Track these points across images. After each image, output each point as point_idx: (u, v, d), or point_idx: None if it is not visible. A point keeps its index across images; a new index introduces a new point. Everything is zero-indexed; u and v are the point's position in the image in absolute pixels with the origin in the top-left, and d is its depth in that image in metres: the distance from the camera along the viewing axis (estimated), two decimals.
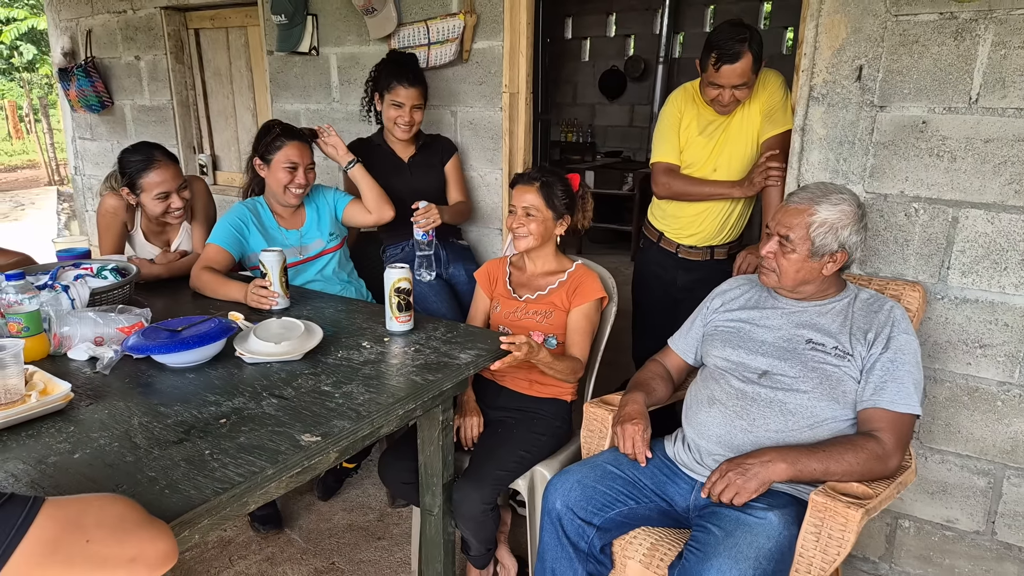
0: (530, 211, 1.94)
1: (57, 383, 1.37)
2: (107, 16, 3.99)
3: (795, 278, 1.63)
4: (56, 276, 1.82)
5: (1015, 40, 1.65)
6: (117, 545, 0.85)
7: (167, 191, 2.21)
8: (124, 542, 0.85)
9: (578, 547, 1.63)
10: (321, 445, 1.24)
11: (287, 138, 2.20)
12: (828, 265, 1.61)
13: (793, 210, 1.62)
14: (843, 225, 1.57)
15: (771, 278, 1.68)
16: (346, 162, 2.35)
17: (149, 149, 2.24)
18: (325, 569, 2.20)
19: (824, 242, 1.58)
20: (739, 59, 2.02)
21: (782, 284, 1.66)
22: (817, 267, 1.61)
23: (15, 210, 9.34)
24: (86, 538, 0.82)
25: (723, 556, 1.40)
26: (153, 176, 2.18)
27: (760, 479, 1.49)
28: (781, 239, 1.63)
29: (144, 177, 2.19)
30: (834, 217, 1.57)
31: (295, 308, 1.97)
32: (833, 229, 1.57)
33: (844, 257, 1.61)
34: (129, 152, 2.23)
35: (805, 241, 1.59)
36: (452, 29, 2.67)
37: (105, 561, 0.83)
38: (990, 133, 1.72)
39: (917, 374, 1.56)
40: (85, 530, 0.82)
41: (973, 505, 1.94)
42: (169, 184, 2.21)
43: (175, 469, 1.14)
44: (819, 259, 1.60)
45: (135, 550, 0.86)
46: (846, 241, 1.58)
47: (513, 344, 1.65)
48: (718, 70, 2.05)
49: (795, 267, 1.61)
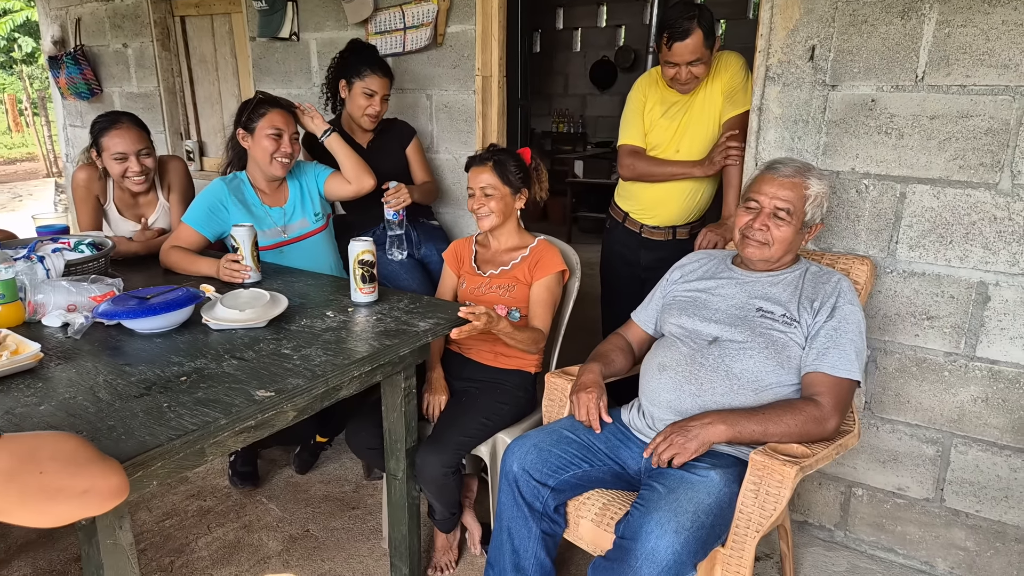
0: (487, 190, 2.00)
1: (28, 344, 1.43)
2: (96, 4, 4.04)
3: (785, 248, 1.70)
4: (34, 249, 1.88)
5: (958, 19, 1.71)
6: (70, 478, 0.90)
7: (124, 152, 2.27)
8: (77, 475, 0.91)
9: (533, 507, 1.69)
10: (275, 400, 1.30)
11: (270, 105, 2.21)
12: (807, 236, 1.70)
13: (788, 183, 1.67)
14: (826, 197, 1.68)
15: (762, 250, 1.71)
16: (322, 131, 2.36)
17: (116, 114, 2.31)
18: (300, 536, 2.27)
19: (814, 214, 1.68)
20: (689, 35, 2.09)
21: (772, 255, 1.71)
22: (801, 237, 1.70)
23: (13, 201, 9.41)
24: (40, 470, 0.87)
25: (664, 510, 1.47)
26: (112, 136, 2.25)
27: (700, 440, 1.55)
28: (776, 212, 1.67)
29: (104, 136, 2.26)
30: (822, 190, 1.67)
31: (267, 282, 2.03)
32: (820, 202, 1.67)
33: (820, 228, 1.71)
34: (100, 116, 2.31)
35: (801, 213, 1.66)
36: (426, 13, 2.73)
37: (58, 492, 0.89)
38: (935, 110, 1.78)
39: (860, 343, 1.62)
40: (39, 463, 0.88)
41: (923, 473, 2.01)
42: (126, 146, 2.26)
43: (133, 419, 1.20)
44: (807, 230, 1.69)
45: (87, 483, 0.92)
46: (824, 213, 1.70)
47: (472, 314, 1.72)
48: (671, 48, 2.13)
49: (788, 238, 1.68)
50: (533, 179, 2.10)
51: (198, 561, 2.16)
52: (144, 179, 2.35)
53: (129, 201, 2.44)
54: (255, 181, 2.30)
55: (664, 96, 2.35)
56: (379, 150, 2.61)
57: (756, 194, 1.71)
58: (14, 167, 13.52)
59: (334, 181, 2.37)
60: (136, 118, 2.34)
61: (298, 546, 2.22)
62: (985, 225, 1.77)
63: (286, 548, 2.21)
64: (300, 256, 2.31)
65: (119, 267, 2.18)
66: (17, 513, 0.86)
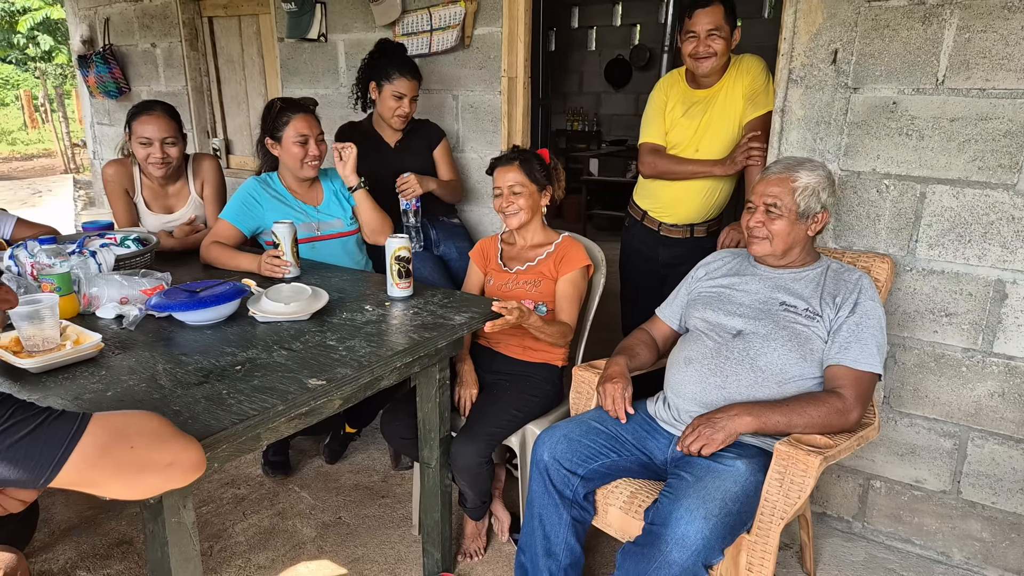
0: (515, 188, 2.07)
1: (89, 334, 1.51)
2: (124, 4, 4.13)
3: (786, 241, 1.76)
4: (83, 245, 1.96)
5: (978, 24, 1.76)
6: (156, 452, 0.98)
7: (150, 138, 2.35)
8: (162, 449, 0.99)
9: (563, 494, 1.76)
10: (326, 388, 1.38)
11: (292, 112, 2.27)
12: (813, 226, 1.76)
13: (775, 179, 1.76)
14: (822, 188, 1.73)
15: (763, 245, 1.79)
16: (353, 183, 2.36)
17: (153, 102, 2.42)
18: (332, 523, 2.35)
19: (809, 204, 1.73)
20: (711, 3, 2.21)
21: (774, 249, 1.78)
22: (803, 229, 1.76)
23: (33, 196, 9.55)
24: (130, 444, 0.95)
25: (692, 497, 1.53)
26: (142, 120, 2.35)
27: (727, 431, 1.61)
28: (768, 207, 1.75)
29: (135, 121, 2.36)
30: (814, 181, 1.73)
31: (304, 277, 2.11)
32: (815, 192, 1.73)
33: (826, 216, 1.77)
34: (139, 103, 2.43)
35: (792, 205, 1.73)
36: (454, 16, 2.79)
37: (147, 465, 0.97)
38: (955, 112, 1.83)
39: (880, 338, 1.68)
40: (129, 438, 0.95)
41: (940, 466, 2.06)
42: (153, 132, 2.35)
43: (197, 404, 1.28)
44: (805, 221, 1.75)
45: (171, 456, 0.99)
46: (825, 202, 1.75)
47: (505, 308, 1.79)
48: (691, 16, 2.24)
49: (785, 231, 1.75)
50: (553, 178, 2.17)
51: (236, 546, 2.24)
52: (164, 166, 2.42)
53: (158, 192, 2.52)
54: (287, 182, 2.38)
55: (685, 96, 2.41)
56: (407, 150, 2.68)
57: (751, 195, 1.81)
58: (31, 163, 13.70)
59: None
60: (171, 108, 2.42)
61: (331, 532, 2.30)
62: (1003, 225, 1.83)
63: (319, 534, 2.29)
64: (332, 254, 2.39)
65: (157, 260, 2.26)
66: (110, 485, 0.94)
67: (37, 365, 1.38)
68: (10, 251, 1.86)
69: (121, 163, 2.49)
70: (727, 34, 2.25)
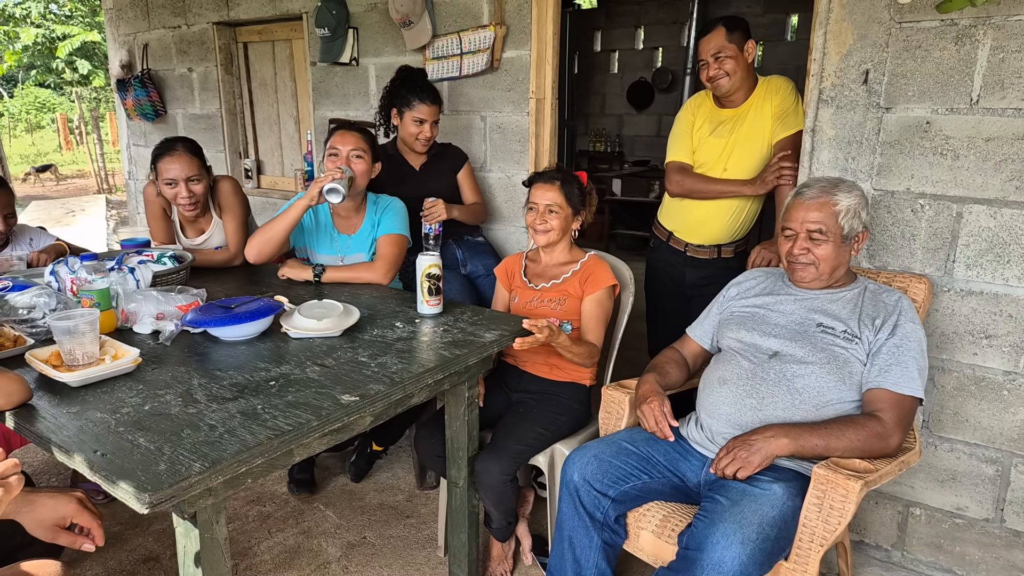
0: (552, 207, 2.07)
1: (127, 349, 1.54)
2: (163, 31, 4.25)
3: (832, 264, 1.74)
4: (122, 261, 2.00)
5: (1012, 44, 1.74)
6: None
7: (174, 179, 2.38)
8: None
9: (594, 517, 1.73)
10: (359, 404, 1.38)
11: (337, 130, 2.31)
12: (856, 247, 1.75)
13: (815, 204, 1.73)
14: (861, 207, 1.73)
15: (809, 271, 1.76)
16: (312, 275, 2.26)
17: (175, 140, 2.43)
18: (357, 542, 2.34)
19: (852, 226, 1.72)
20: (711, 30, 2.28)
21: (820, 274, 1.75)
22: (848, 251, 1.75)
23: (67, 216, 9.78)
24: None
25: (728, 522, 1.50)
26: (164, 163, 2.38)
27: (763, 453, 1.59)
28: (811, 233, 1.73)
29: (159, 162, 2.39)
30: (854, 202, 1.72)
31: (334, 294, 2.12)
32: (856, 213, 1.72)
33: (866, 236, 1.76)
34: (161, 141, 2.45)
35: (837, 229, 1.71)
36: (484, 40, 2.83)
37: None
38: (991, 132, 1.81)
39: (921, 361, 1.65)
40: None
41: (982, 493, 2.00)
42: (176, 173, 2.37)
43: (232, 419, 1.29)
44: (849, 243, 1.74)
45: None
46: (865, 221, 1.74)
47: (535, 326, 1.78)
48: (698, 46, 2.32)
49: (832, 255, 1.73)
50: (586, 203, 2.17)
51: (261, 564, 2.24)
52: (193, 206, 2.45)
53: (190, 217, 2.56)
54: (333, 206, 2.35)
55: (712, 115, 2.42)
56: (431, 173, 2.71)
57: (789, 221, 1.78)
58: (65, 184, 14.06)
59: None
60: (192, 144, 2.44)
61: (356, 553, 2.29)
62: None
63: (344, 554, 2.28)
64: None
65: (193, 279, 2.29)
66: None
67: (77, 379, 1.41)
68: (51, 267, 1.90)
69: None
70: (735, 52, 2.27)
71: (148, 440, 1.19)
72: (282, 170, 4.17)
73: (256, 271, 2.49)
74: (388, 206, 2.39)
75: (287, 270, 2.28)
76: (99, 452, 1.15)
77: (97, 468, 1.10)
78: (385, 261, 2.28)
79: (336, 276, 2.27)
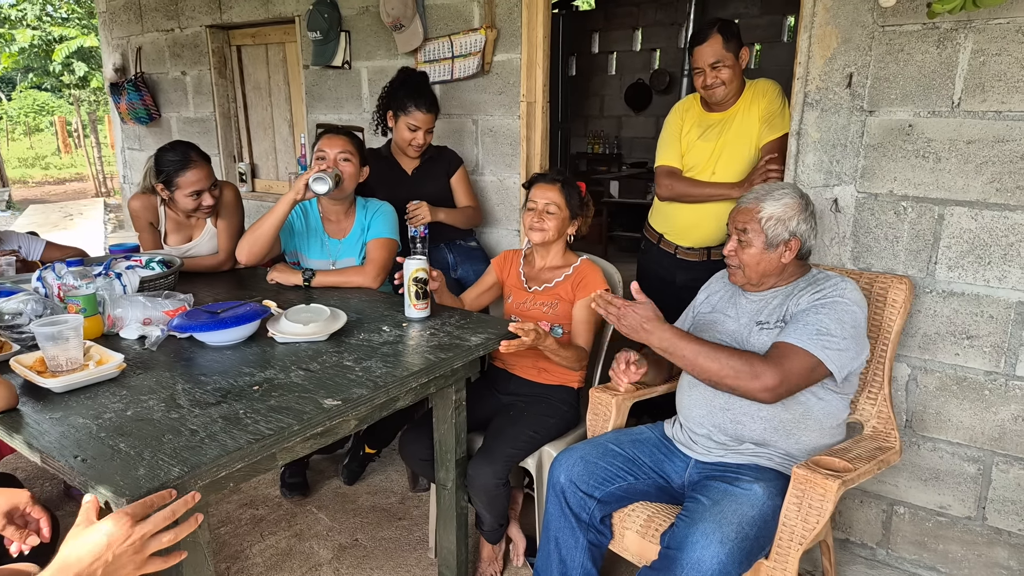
0: (550, 208, 2.09)
1: (111, 355, 1.55)
2: (156, 34, 4.27)
3: (757, 270, 1.76)
4: (110, 266, 2.02)
5: (992, 47, 1.76)
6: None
7: (200, 190, 2.38)
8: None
9: (580, 517, 1.75)
10: (341, 408, 1.40)
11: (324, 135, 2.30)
12: (785, 253, 1.74)
13: (744, 210, 1.77)
14: (789, 216, 1.72)
15: (738, 275, 1.81)
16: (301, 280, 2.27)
17: (185, 149, 2.38)
18: (349, 545, 2.36)
19: (776, 232, 1.72)
20: (707, 39, 2.26)
21: (748, 278, 1.79)
22: (775, 257, 1.74)
23: (64, 220, 9.79)
24: None
25: (708, 521, 1.52)
26: (189, 175, 2.35)
27: (634, 327, 1.67)
28: (740, 236, 1.76)
29: (180, 176, 2.34)
30: (779, 210, 1.72)
31: (323, 298, 2.14)
32: (781, 221, 1.71)
33: (797, 243, 1.74)
34: (166, 151, 2.38)
35: (760, 235, 1.73)
36: (474, 43, 2.85)
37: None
38: (972, 135, 1.82)
39: (831, 326, 1.61)
40: None
41: (964, 491, 2.02)
42: (202, 183, 2.37)
43: (214, 424, 1.30)
44: (775, 249, 1.73)
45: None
46: (796, 230, 1.72)
47: (521, 329, 1.80)
48: (692, 52, 2.29)
49: (755, 260, 1.75)
50: (582, 211, 2.19)
51: (253, 567, 2.25)
52: (211, 210, 2.47)
53: (182, 223, 2.55)
54: (323, 208, 2.40)
55: (701, 119, 2.43)
56: (424, 176, 2.71)
57: (728, 223, 1.83)
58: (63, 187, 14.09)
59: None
60: (199, 149, 2.42)
61: (348, 555, 2.30)
62: (1023, 247, 1.80)
63: (336, 556, 2.30)
64: None
65: (183, 284, 2.31)
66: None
67: (60, 385, 1.42)
68: (38, 272, 1.92)
69: (147, 197, 2.51)
70: (732, 61, 2.28)
71: (129, 445, 1.21)
72: (277, 174, 4.18)
73: (246, 276, 2.50)
74: (378, 210, 2.40)
75: (276, 274, 2.29)
76: (79, 457, 1.17)
77: (77, 473, 1.12)
78: (375, 265, 2.29)
79: (326, 280, 2.28)
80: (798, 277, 1.79)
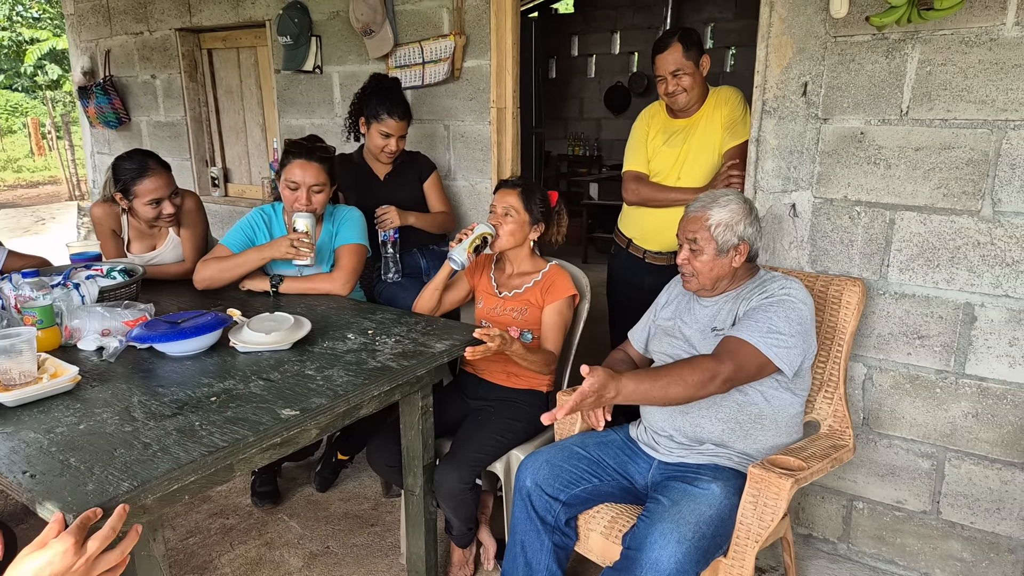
0: (509, 211, 2.11)
1: (66, 367, 1.54)
2: (125, 37, 4.23)
3: (711, 276, 1.80)
4: (69, 276, 2.00)
5: (938, 58, 1.81)
6: None
7: (159, 198, 2.36)
8: None
9: (545, 520, 1.77)
10: (299, 419, 1.41)
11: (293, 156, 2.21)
12: (736, 258, 1.79)
13: (693, 218, 1.81)
14: (736, 221, 1.76)
15: (692, 282, 1.85)
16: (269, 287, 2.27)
17: (143, 157, 2.36)
18: (320, 552, 2.36)
19: (726, 238, 1.76)
20: (668, 47, 2.31)
21: (702, 285, 1.82)
22: (727, 261, 1.79)
23: (36, 224, 9.66)
24: None
25: (667, 521, 1.55)
26: (146, 183, 2.33)
27: (605, 403, 1.60)
28: (691, 244, 1.80)
29: (137, 184, 2.32)
30: (727, 216, 1.76)
31: (290, 305, 2.15)
32: (729, 227, 1.76)
33: (746, 247, 1.78)
34: (124, 159, 2.36)
35: (710, 242, 1.77)
36: (444, 49, 2.86)
37: None
38: (920, 142, 1.87)
39: (778, 323, 1.67)
40: None
41: (919, 486, 2.07)
42: (161, 191, 2.35)
43: (167, 437, 1.31)
44: (726, 254, 1.78)
45: None
46: (743, 234, 1.77)
47: (487, 335, 1.81)
48: (655, 60, 2.34)
49: (708, 266, 1.79)
50: (553, 220, 2.21)
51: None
52: (172, 219, 2.44)
53: (145, 231, 2.53)
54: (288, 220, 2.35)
55: (666, 125, 2.48)
56: (396, 182, 2.72)
57: (677, 233, 1.85)
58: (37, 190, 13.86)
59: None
60: (158, 157, 2.39)
61: (319, 562, 2.31)
62: (969, 250, 1.86)
63: (307, 564, 2.30)
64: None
65: (148, 292, 2.30)
66: None
67: (13, 399, 1.41)
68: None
69: (108, 205, 2.49)
70: (692, 69, 2.33)
71: (79, 460, 1.21)
72: (249, 178, 4.17)
73: None
74: (345, 216, 2.40)
75: (246, 281, 2.29)
76: (28, 473, 1.16)
77: (25, 489, 1.12)
78: (344, 271, 2.30)
79: (294, 287, 2.28)
80: (747, 279, 1.83)
